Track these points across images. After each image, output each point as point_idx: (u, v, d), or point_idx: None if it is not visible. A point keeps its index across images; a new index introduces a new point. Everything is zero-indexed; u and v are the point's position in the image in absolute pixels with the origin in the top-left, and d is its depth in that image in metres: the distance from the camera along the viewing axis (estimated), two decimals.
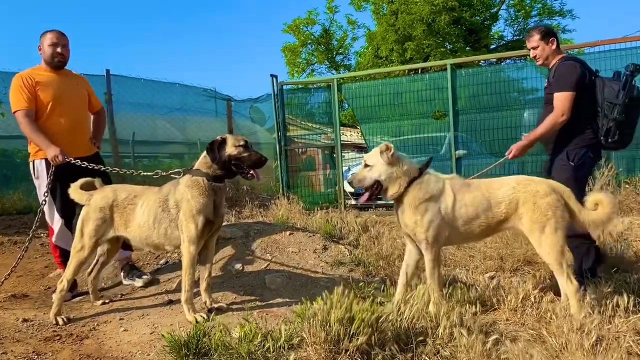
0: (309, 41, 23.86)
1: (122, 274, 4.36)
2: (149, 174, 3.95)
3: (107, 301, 3.97)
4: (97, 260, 3.91)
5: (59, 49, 4.13)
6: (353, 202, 9.37)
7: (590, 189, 7.19)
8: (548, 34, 4.04)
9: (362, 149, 17.91)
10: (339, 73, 23.96)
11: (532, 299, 3.37)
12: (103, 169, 4.03)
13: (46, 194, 4.04)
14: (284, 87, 9.37)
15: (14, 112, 4.06)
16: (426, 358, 2.55)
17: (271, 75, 9.18)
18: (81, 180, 3.77)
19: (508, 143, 8.13)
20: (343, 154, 10.59)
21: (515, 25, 21.89)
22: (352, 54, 24.70)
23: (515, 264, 4.64)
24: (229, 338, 2.74)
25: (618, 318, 2.80)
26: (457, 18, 18.37)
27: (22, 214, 7.55)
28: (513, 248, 4.86)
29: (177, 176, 3.61)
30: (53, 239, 4.23)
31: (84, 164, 3.95)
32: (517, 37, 21.95)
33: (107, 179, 4.09)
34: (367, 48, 22.62)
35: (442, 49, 18.07)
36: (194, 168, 3.50)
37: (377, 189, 3.35)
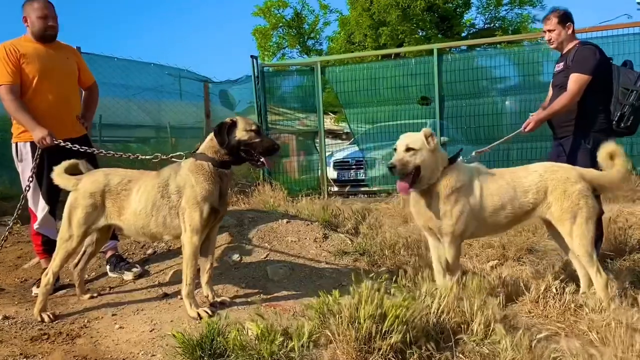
0: (280, 24, 23.36)
1: (107, 266, 4.03)
2: (148, 157, 3.62)
3: (95, 295, 3.65)
4: (85, 251, 3.56)
5: (50, 22, 3.74)
6: (335, 188, 9.18)
7: None
8: (566, 19, 3.99)
9: (336, 135, 17.75)
10: (310, 57, 23.62)
11: (554, 290, 3.24)
12: (96, 152, 3.69)
13: (30, 179, 3.67)
14: (264, 69, 9.05)
15: None
16: (464, 357, 2.37)
17: (251, 56, 8.81)
18: (65, 163, 3.41)
19: (488, 130, 8.19)
20: (316, 140, 10.38)
21: (487, 14, 21.94)
22: (323, 38, 24.34)
23: (518, 253, 4.53)
24: (246, 337, 2.49)
25: None
26: (431, 4, 18.25)
27: None
28: (510, 236, 4.77)
29: (177, 160, 3.31)
30: (35, 226, 3.87)
31: (74, 146, 3.60)
32: (488, 25, 22.03)
33: (94, 163, 3.74)
34: (340, 33, 22.31)
35: (416, 36, 17.94)
36: (198, 152, 3.20)
37: (415, 176, 3.06)
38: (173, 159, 3.36)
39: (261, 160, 3.16)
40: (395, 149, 3.15)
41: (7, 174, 7.79)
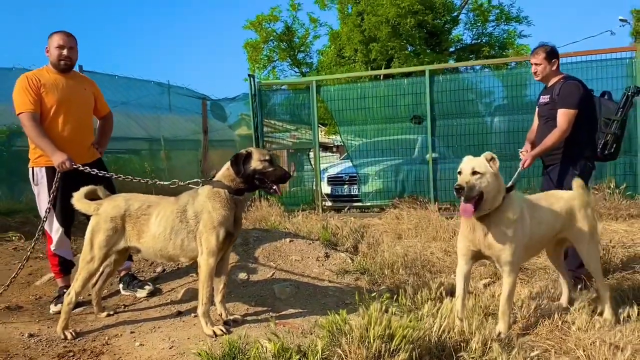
0: (271, 38, 23.67)
1: (120, 284, 4.22)
2: (165, 183, 3.84)
3: (111, 313, 3.84)
4: (103, 271, 3.76)
5: (65, 52, 3.97)
6: (329, 203, 9.42)
7: None
8: (553, 55, 4.32)
9: (326, 147, 18.02)
10: (306, 77, 23.96)
11: (542, 308, 3.52)
12: (114, 176, 3.89)
13: (50, 202, 3.86)
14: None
15: (18, 114, 3.87)
16: None
17: (249, 75, 9.10)
18: (84, 189, 3.61)
19: (478, 149, 8.50)
20: (309, 152, 10.66)
21: (474, 29, 22.49)
22: (313, 52, 24.71)
23: None
24: (265, 355, 2.71)
25: (637, 331, 2.95)
26: (421, 21, 18.69)
27: None
28: None
29: (195, 186, 3.53)
30: (52, 247, 4.05)
31: (93, 171, 3.80)
32: (476, 41, 22.58)
33: (110, 187, 3.94)
34: (330, 47, 22.68)
35: (405, 52, 18.35)
36: (214, 179, 3.43)
37: (479, 200, 3.06)
38: (190, 186, 3.58)
39: (274, 187, 3.39)
40: (459, 172, 3.14)
41: (9, 189, 7.93)
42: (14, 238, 6.46)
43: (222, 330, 3.33)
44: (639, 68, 7.52)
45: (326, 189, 9.46)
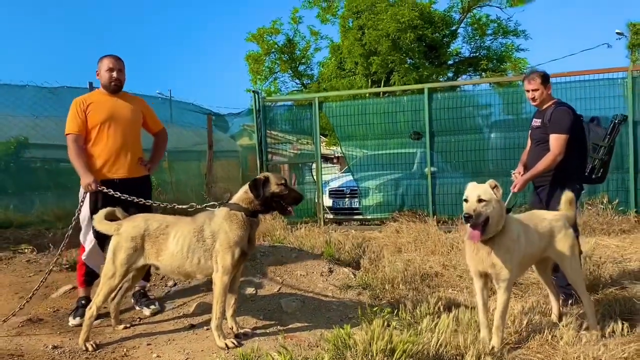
0: (273, 50, 24.02)
1: (132, 299, 4.46)
2: (184, 206, 4.09)
3: (128, 325, 4.07)
4: (121, 286, 3.99)
5: (114, 74, 4.25)
6: (330, 216, 9.66)
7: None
8: (547, 80, 4.53)
9: (327, 158, 18.29)
10: (302, 83, 24.29)
11: (533, 323, 3.75)
12: (136, 200, 4.13)
13: (77, 214, 4.16)
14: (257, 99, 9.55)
15: (65, 134, 4.20)
16: None
17: (253, 91, 9.37)
18: (103, 211, 3.85)
19: (475, 164, 8.75)
20: (310, 163, 10.94)
21: (472, 43, 22.86)
22: (314, 64, 25.06)
23: None
24: None
25: (620, 344, 3.18)
26: (420, 35, 19.04)
27: (3, 228, 7.40)
28: None
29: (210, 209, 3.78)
30: (83, 257, 4.30)
31: (116, 194, 4.04)
32: (474, 54, 22.95)
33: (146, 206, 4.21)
34: (331, 59, 23.02)
35: (405, 65, 18.68)
36: (231, 202, 3.68)
37: (485, 224, 3.29)
38: (207, 208, 3.83)
39: (289, 209, 3.65)
40: (465, 200, 3.32)
41: (21, 203, 8.16)
42: (26, 250, 6.65)
43: (233, 343, 3.56)
44: (629, 88, 7.76)
45: (328, 201, 9.71)
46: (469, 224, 3.29)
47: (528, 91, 4.61)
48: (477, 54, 22.74)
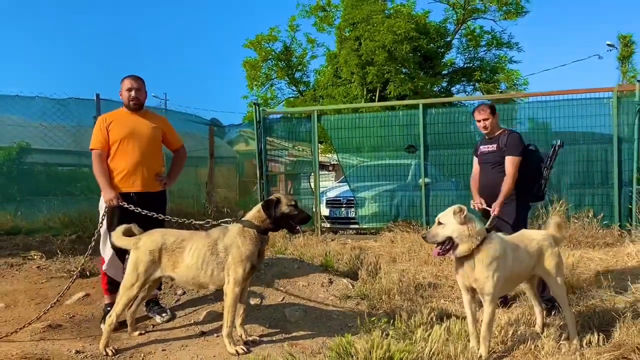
0: (270, 57, 24.33)
1: (145, 307, 4.74)
2: (200, 222, 4.39)
3: (143, 332, 4.36)
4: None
5: (133, 93, 4.56)
6: (327, 225, 9.98)
7: (544, 221, 8.24)
8: (495, 110, 5.08)
9: (323, 166, 18.63)
10: (299, 90, 24.62)
11: (518, 333, 4.09)
12: (155, 216, 4.42)
13: (98, 229, 4.43)
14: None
15: (90, 149, 4.51)
16: None
17: (254, 104, 9.68)
18: (121, 228, 4.14)
19: (467, 177, 9.08)
20: (305, 170, 11.27)
21: (466, 54, 23.30)
22: (310, 71, 25.40)
23: None
24: None
25: (594, 353, 3.52)
26: (416, 46, 19.43)
27: (12, 235, 7.66)
28: None
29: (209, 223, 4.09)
30: (103, 268, 4.58)
31: (137, 209, 4.33)
32: (468, 65, 23.38)
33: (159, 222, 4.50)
34: (327, 67, 23.36)
35: (400, 76, 19.05)
36: (244, 219, 3.99)
37: (448, 244, 3.70)
38: (222, 224, 4.15)
39: (297, 227, 3.97)
40: None
41: (28, 209, 8.41)
42: (35, 257, 6.90)
43: (243, 350, 3.87)
44: (615, 107, 8.14)
45: (325, 211, 10.03)
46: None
47: (479, 121, 5.10)
48: (471, 64, 23.16)
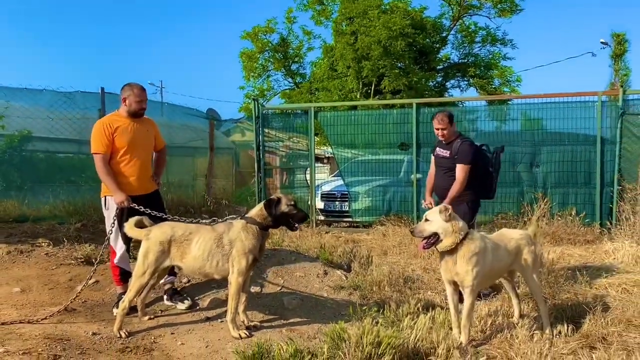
0: (267, 48, 24.55)
1: (165, 296, 5.09)
2: (206, 221, 4.74)
3: (152, 317, 4.72)
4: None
5: (144, 105, 4.87)
6: (322, 217, 10.35)
7: (529, 218, 8.65)
8: (452, 119, 5.49)
9: (317, 158, 18.99)
10: (295, 82, 24.87)
11: (496, 324, 4.48)
12: (164, 216, 4.75)
13: (112, 226, 4.74)
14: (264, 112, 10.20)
15: (93, 153, 4.76)
16: None
17: (253, 99, 9.98)
18: (133, 220, 4.48)
19: None
20: (300, 162, 11.62)
21: (461, 50, 23.63)
22: (307, 63, 25.66)
23: None
24: (284, 354, 3.61)
25: (563, 342, 3.92)
26: (411, 42, 19.74)
27: (19, 222, 7.95)
28: None
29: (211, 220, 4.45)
30: (115, 261, 4.90)
31: (146, 210, 4.66)
32: (462, 61, 23.72)
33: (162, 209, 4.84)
34: (323, 59, 23.62)
35: (395, 71, 19.37)
36: (248, 216, 4.35)
37: (433, 239, 4.09)
38: (226, 220, 4.50)
39: (295, 225, 4.33)
40: None
41: (35, 197, 8.71)
42: (43, 244, 7.20)
43: (245, 334, 4.24)
44: (599, 110, 8.53)
45: (319, 204, 10.40)
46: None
47: (437, 129, 5.53)
48: (466, 60, 23.51)
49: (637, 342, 4.06)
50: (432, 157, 5.75)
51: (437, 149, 5.63)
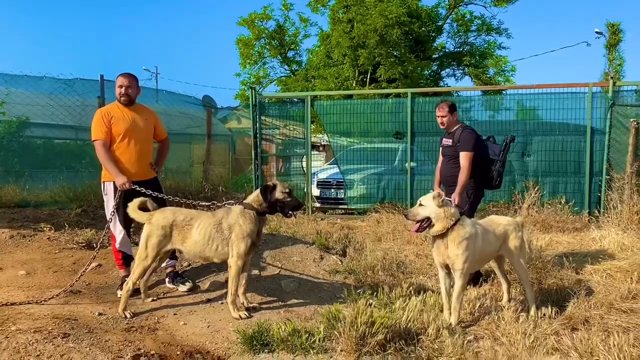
0: (263, 35, 24.55)
1: (167, 278, 5.27)
2: (206, 203, 4.91)
3: (155, 299, 4.90)
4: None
5: (123, 90, 4.99)
6: (317, 204, 10.54)
7: (520, 206, 8.85)
8: (453, 108, 5.59)
9: (313, 146, 19.11)
10: (291, 69, 24.92)
11: (484, 306, 4.69)
12: (165, 197, 4.92)
13: (113, 212, 4.90)
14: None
15: (93, 141, 4.92)
16: (423, 350, 3.76)
17: (251, 87, 10.10)
18: (136, 201, 4.65)
19: None
20: (296, 150, 11.77)
21: (457, 39, 23.73)
22: (303, 50, 25.69)
23: None
24: (283, 333, 3.81)
25: (547, 323, 4.14)
26: (407, 31, 19.81)
27: (21, 207, 8.10)
28: None
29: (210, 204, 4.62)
30: (116, 245, 5.07)
31: (148, 191, 4.82)
32: (458, 49, 23.83)
33: (162, 201, 4.98)
34: (320, 47, 23.67)
35: (391, 59, 19.45)
36: (245, 202, 4.52)
37: (426, 223, 4.30)
38: (226, 205, 4.67)
39: (290, 213, 4.50)
40: None
41: (36, 183, 8.84)
42: (45, 229, 7.35)
43: (245, 315, 4.44)
44: (589, 101, 8.71)
45: (315, 191, 10.57)
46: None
47: (438, 117, 5.66)
48: (461, 49, 23.61)
49: (617, 324, 4.29)
50: (441, 149, 5.86)
51: (443, 139, 5.76)
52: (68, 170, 9.20)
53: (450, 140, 5.58)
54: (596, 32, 31.27)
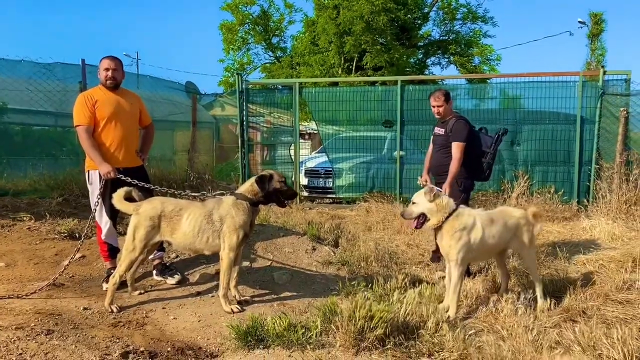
0: (247, 21, 24.16)
1: (154, 271, 5.08)
2: (195, 194, 4.72)
3: (142, 292, 4.72)
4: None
5: (110, 73, 4.77)
6: (305, 194, 10.38)
7: (509, 196, 8.82)
8: (449, 97, 5.53)
9: (300, 135, 18.91)
10: (276, 56, 24.60)
11: (482, 298, 4.61)
12: (152, 187, 4.72)
13: (97, 201, 4.69)
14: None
15: (75, 126, 4.70)
16: (423, 344, 3.66)
17: (237, 73, 9.87)
18: (121, 191, 4.44)
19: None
20: (282, 138, 11.59)
21: (442, 27, 23.63)
22: (288, 37, 25.35)
23: None
24: (279, 328, 3.67)
25: (547, 316, 4.07)
26: (393, 18, 19.64)
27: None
28: None
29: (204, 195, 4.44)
30: (102, 236, 4.86)
31: (134, 181, 4.62)
32: (443, 38, 23.74)
33: (149, 190, 4.79)
34: (304, 33, 23.37)
35: (377, 47, 19.28)
36: (238, 192, 4.35)
37: (422, 219, 4.35)
38: (216, 196, 4.49)
39: (286, 202, 4.35)
40: None
41: (14, 171, 8.52)
42: (25, 218, 7.09)
43: (237, 308, 4.29)
44: (579, 90, 8.67)
45: (303, 180, 10.42)
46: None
47: (434, 107, 5.58)
48: (447, 37, 23.52)
49: (615, 315, 4.23)
50: (432, 138, 5.77)
51: (435, 127, 5.68)
52: (48, 158, 8.90)
53: (443, 130, 5.50)
54: (579, 22, 31.51)
